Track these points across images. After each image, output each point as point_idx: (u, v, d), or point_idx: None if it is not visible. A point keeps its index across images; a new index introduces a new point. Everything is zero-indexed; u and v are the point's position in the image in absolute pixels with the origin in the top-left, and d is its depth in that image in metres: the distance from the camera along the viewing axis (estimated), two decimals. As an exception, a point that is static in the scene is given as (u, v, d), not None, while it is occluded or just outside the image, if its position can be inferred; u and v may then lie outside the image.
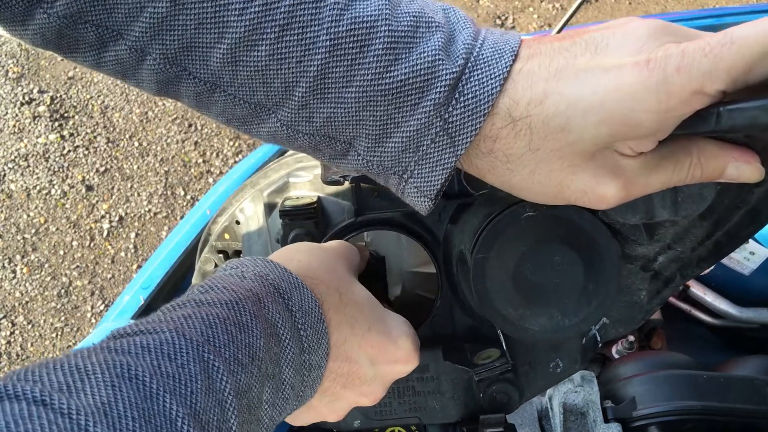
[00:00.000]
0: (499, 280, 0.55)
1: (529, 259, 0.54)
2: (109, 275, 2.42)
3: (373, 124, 0.43)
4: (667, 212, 0.47)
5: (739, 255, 1.18)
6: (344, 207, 0.64)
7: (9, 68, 2.88)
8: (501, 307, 0.55)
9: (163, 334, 0.37)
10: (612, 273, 0.55)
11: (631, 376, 0.90)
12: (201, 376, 0.36)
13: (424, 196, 0.45)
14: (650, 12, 3.23)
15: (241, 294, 0.42)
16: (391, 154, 0.44)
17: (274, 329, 0.43)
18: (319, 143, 0.45)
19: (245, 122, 0.46)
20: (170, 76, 0.43)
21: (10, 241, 2.47)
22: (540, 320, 0.56)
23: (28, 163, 2.64)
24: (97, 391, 0.31)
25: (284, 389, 0.43)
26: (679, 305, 1.22)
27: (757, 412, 0.81)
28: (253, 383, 0.39)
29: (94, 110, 2.80)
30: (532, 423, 0.89)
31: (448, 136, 0.42)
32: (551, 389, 0.89)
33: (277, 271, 0.46)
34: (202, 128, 2.77)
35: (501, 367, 0.60)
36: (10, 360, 2.25)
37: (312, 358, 0.45)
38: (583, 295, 0.55)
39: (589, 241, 0.54)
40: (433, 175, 0.43)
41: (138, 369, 0.34)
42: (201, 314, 0.39)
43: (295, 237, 0.63)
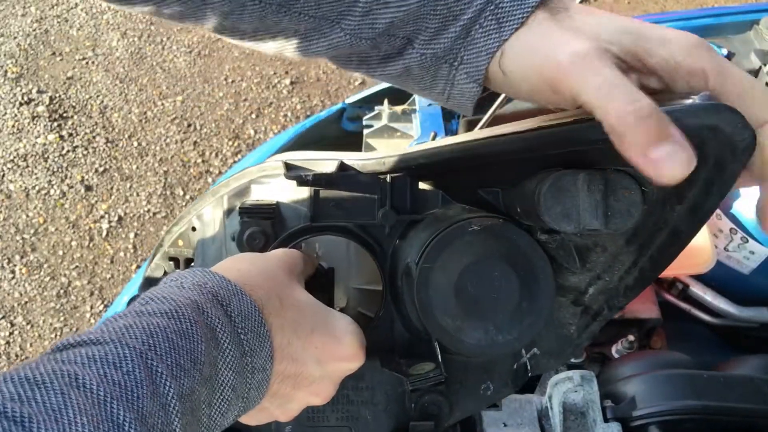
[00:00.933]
0: (442, 290, 0.57)
1: (471, 273, 0.57)
2: (108, 275, 2.42)
3: (434, 19, 0.48)
4: (598, 223, 0.50)
5: (739, 254, 1.18)
6: (301, 213, 0.66)
7: (8, 68, 2.87)
8: (441, 317, 0.58)
9: (107, 345, 0.38)
10: (545, 293, 0.58)
11: (631, 376, 0.90)
12: (146, 381, 0.37)
13: (473, 81, 0.50)
14: (649, 11, 3.23)
15: (180, 302, 0.44)
16: (445, 44, 0.49)
17: (213, 333, 0.44)
18: (379, 44, 0.51)
19: (306, 37, 0.51)
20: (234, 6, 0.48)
21: (9, 241, 2.46)
22: (476, 333, 0.58)
23: (27, 163, 2.63)
24: (47, 399, 0.33)
25: (223, 390, 0.44)
26: (679, 304, 1.22)
27: (757, 411, 0.81)
28: (196, 386, 0.41)
29: (93, 110, 2.79)
30: (531, 423, 0.89)
31: (496, 21, 0.47)
32: (551, 388, 0.89)
33: (215, 280, 0.48)
34: (201, 128, 2.77)
35: (434, 378, 0.61)
36: (9, 360, 2.24)
37: (255, 361, 0.46)
38: (518, 311, 0.58)
39: (526, 261, 0.58)
40: (479, 59, 0.49)
41: (85, 378, 0.35)
42: (142, 324, 0.41)
43: (250, 235, 0.64)
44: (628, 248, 0.60)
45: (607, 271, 0.62)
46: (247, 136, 2.75)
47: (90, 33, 3.04)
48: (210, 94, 2.87)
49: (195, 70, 2.94)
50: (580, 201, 0.50)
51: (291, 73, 2.94)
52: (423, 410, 0.65)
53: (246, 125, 2.77)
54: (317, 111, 2.77)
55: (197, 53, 2.99)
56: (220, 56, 2.99)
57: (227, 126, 2.77)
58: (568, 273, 0.62)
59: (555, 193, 0.51)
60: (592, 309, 0.64)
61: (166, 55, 2.98)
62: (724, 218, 1.17)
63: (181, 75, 2.92)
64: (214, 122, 2.78)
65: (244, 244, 0.65)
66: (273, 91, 2.88)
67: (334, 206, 0.65)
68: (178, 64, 2.95)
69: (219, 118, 2.79)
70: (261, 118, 2.80)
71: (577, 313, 0.65)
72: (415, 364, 0.64)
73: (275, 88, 2.89)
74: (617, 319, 1.11)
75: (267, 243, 0.65)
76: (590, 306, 0.64)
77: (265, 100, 2.85)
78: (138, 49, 2.99)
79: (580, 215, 0.51)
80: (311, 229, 0.66)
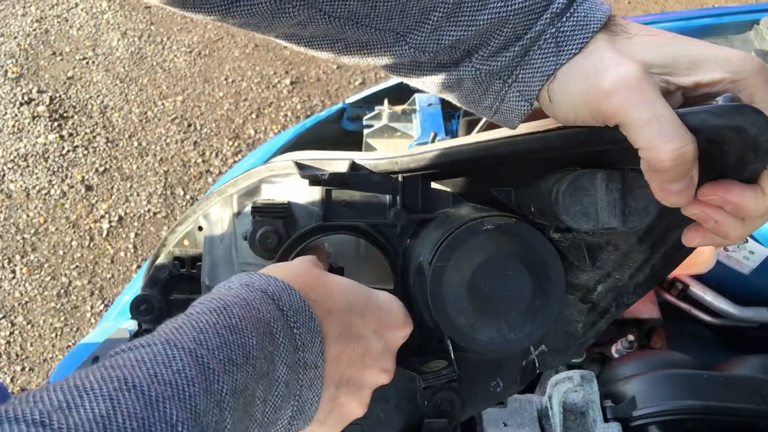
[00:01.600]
0: (455, 289, 0.58)
1: (483, 271, 0.58)
2: (108, 275, 2.42)
3: (497, 38, 0.49)
4: (616, 221, 0.51)
5: (739, 254, 1.18)
6: (312, 212, 0.66)
7: (8, 68, 2.87)
8: (454, 315, 0.58)
9: (156, 347, 0.37)
10: (557, 291, 0.59)
11: (631, 376, 0.90)
12: (198, 379, 0.36)
13: (525, 100, 0.50)
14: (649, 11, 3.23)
15: (229, 300, 0.44)
16: (503, 62, 0.49)
17: (267, 327, 0.43)
18: (438, 55, 0.51)
19: (367, 47, 0.52)
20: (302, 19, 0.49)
21: (9, 241, 2.46)
22: (489, 331, 0.59)
23: (28, 163, 2.63)
24: (96, 405, 0.32)
25: (278, 386, 0.43)
26: (679, 304, 1.22)
27: (756, 411, 0.81)
28: (249, 382, 0.40)
29: (94, 110, 2.79)
30: (531, 423, 0.89)
31: (555, 45, 0.47)
32: (551, 388, 0.89)
33: (263, 278, 0.48)
34: (202, 128, 2.77)
35: (447, 376, 0.62)
36: (9, 360, 2.25)
37: (307, 357, 0.46)
38: (530, 310, 0.59)
39: (538, 259, 0.59)
40: (534, 80, 0.49)
41: (135, 380, 0.34)
42: (191, 323, 0.40)
43: (263, 234, 0.65)
44: (640, 246, 0.60)
45: (617, 269, 0.62)
46: (247, 136, 2.75)
47: (90, 33, 3.04)
48: (210, 94, 2.87)
49: (195, 70, 2.94)
50: (598, 200, 0.51)
51: (291, 73, 2.94)
52: (436, 407, 0.65)
53: (246, 125, 2.78)
54: (317, 111, 2.78)
55: (197, 53, 3.00)
56: (220, 56, 2.99)
57: (227, 126, 2.77)
58: (578, 271, 0.63)
59: (573, 192, 0.51)
60: (600, 307, 0.65)
61: (167, 55, 2.98)
62: (724, 218, 1.17)
63: (181, 75, 2.92)
64: (214, 122, 2.79)
65: (256, 243, 0.65)
66: (273, 91, 2.88)
67: (345, 206, 0.66)
68: (179, 64, 2.95)
69: (219, 118, 2.80)
70: (261, 118, 2.80)
71: (584, 310, 0.65)
72: (427, 362, 0.64)
73: (275, 88, 2.89)
74: (617, 319, 1.11)
75: (279, 242, 0.65)
76: (598, 303, 0.65)
77: (265, 100, 2.85)
78: (138, 49, 2.99)
79: (599, 214, 0.51)
80: (323, 229, 0.66)
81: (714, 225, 0.48)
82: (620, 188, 0.51)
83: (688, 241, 0.51)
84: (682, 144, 0.42)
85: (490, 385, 0.67)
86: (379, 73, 2.93)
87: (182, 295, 0.74)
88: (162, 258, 0.74)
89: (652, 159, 0.43)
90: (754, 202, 0.45)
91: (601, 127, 0.47)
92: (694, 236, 0.51)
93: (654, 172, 0.44)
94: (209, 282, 0.70)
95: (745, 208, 0.46)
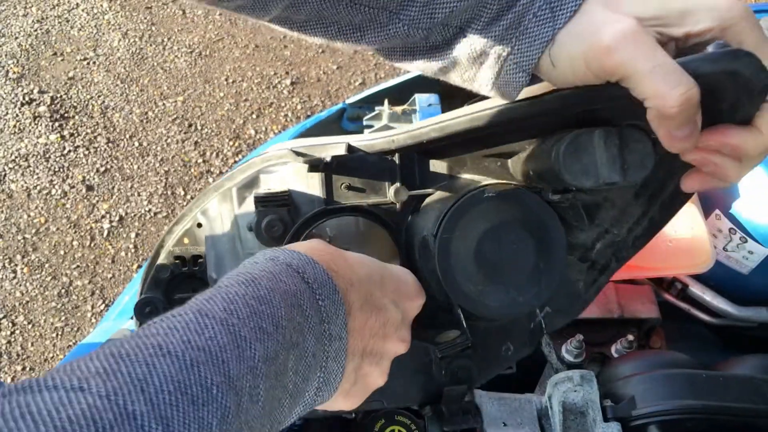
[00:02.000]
0: (462, 258, 0.60)
1: (488, 239, 0.60)
2: (109, 275, 2.42)
3: (490, 8, 0.48)
4: (617, 176, 0.53)
5: (738, 254, 1.18)
6: (313, 198, 0.68)
7: (9, 68, 2.88)
8: (463, 284, 0.60)
9: (188, 315, 0.38)
10: (559, 252, 0.61)
11: (631, 375, 0.91)
12: (230, 345, 0.37)
13: (522, 71, 0.50)
14: (650, 11, 3.23)
15: (256, 273, 0.44)
16: (497, 34, 0.49)
17: (295, 299, 0.44)
18: (431, 34, 0.51)
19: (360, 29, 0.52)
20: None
21: (10, 241, 2.47)
22: (498, 296, 0.61)
23: (29, 163, 2.64)
24: (132, 370, 0.33)
25: (307, 357, 0.44)
26: (678, 304, 1.23)
27: (756, 411, 0.82)
28: (280, 351, 0.41)
29: (95, 110, 2.80)
30: (531, 422, 0.89)
31: (549, 10, 0.47)
32: (551, 388, 0.89)
33: (287, 253, 0.48)
34: (202, 128, 2.77)
35: (461, 344, 0.63)
36: (10, 359, 2.25)
37: (332, 329, 0.47)
38: (535, 272, 0.61)
39: (539, 222, 0.61)
40: (532, 49, 0.49)
41: (170, 346, 0.35)
42: (220, 294, 0.41)
43: (268, 223, 0.66)
44: (637, 201, 0.62)
45: (615, 225, 0.64)
46: (247, 136, 2.75)
47: (91, 33, 3.04)
48: (211, 95, 2.87)
49: (196, 71, 2.94)
50: (597, 157, 0.52)
51: (291, 73, 2.94)
52: (454, 375, 0.67)
53: (247, 125, 2.78)
54: (317, 111, 2.78)
55: (198, 54, 3.00)
56: (220, 57, 2.99)
57: (228, 126, 2.78)
58: (577, 231, 0.65)
59: (573, 151, 0.53)
60: (599, 264, 0.67)
61: (167, 56, 2.98)
62: (723, 218, 1.17)
63: (182, 75, 2.93)
64: (214, 122, 2.79)
65: (263, 233, 0.66)
66: (273, 92, 2.88)
67: (346, 188, 0.67)
68: (179, 65, 2.95)
69: (220, 118, 2.80)
70: (262, 118, 2.80)
71: (583, 269, 0.67)
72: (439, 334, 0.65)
73: (276, 88, 2.89)
74: (617, 319, 1.11)
75: (285, 230, 0.66)
76: (597, 261, 0.67)
77: (265, 101, 2.85)
78: (139, 50, 3.00)
79: (599, 170, 0.53)
80: (327, 212, 0.67)
81: (712, 168, 0.49)
82: (618, 144, 0.52)
83: (688, 187, 0.53)
84: (687, 88, 0.43)
85: (501, 349, 0.69)
86: (379, 73, 2.93)
87: (185, 294, 0.74)
88: (162, 258, 0.74)
89: (661, 106, 0.44)
90: (752, 142, 0.47)
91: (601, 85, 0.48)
92: (693, 181, 0.52)
93: (662, 120, 0.44)
94: (216, 275, 0.70)
95: (743, 149, 0.47)
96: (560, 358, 1.08)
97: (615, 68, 0.45)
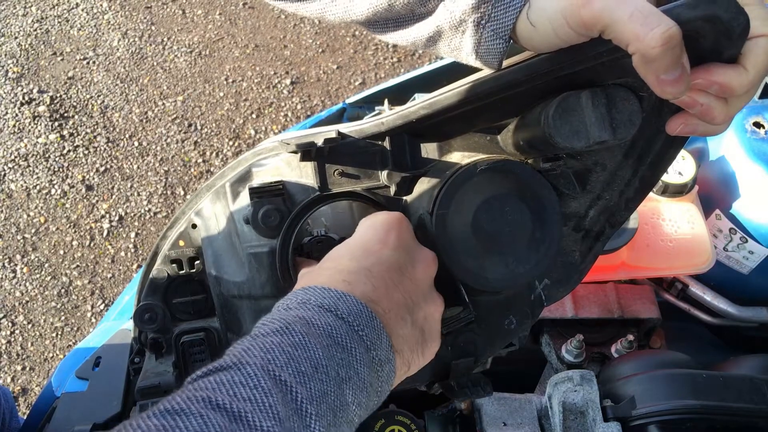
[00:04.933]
0: (460, 232, 0.61)
1: (483, 212, 0.61)
2: (109, 275, 2.42)
3: None
4: (607, 134, 0.54)
5: (739, 254, 1.18)
6: (307, 187, 0.68)
7: (9, 68, 2.88)
8: (463, 259, 0.61)
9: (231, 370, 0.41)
10: (554, 220, 0.63)
11: (631, 375, 0.91)
12: (274, 390, 0.40)
13: (499, 38, 0.51)
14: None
15: (289, 320, 0.47)
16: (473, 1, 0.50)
17: (331, 339, 0.46)
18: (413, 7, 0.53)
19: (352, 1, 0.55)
20: None
21: (10, 240, 2.47)
22: (498, 268, 0.62)
23: (28, 163, 2.64)
24: (188, 423, 0.35)
25: (365, 387, 0.46)
26: (678, 304, 1.23)
27: (756, 411, 0.82)
28: (328, 389, 0.43)
29: (94, 110, 2.80)
30: (531, 422, 0.89)
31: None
32: (551, 388, 0.89)
33: (317, 292, 0.50)
34: (202, 128, 2.77)
35: (465, 319, 0.64)
36: (10, 359, 2.25)
37: (380, 354, 0.48)
38: (533, 241, 0.62)
39: (532, 192, 0.62)
40: (507, 15, 0.50)
41: (218, 399, 0.38)
42: (257, 344, 0.44)
43: (265, 213, 0.66)
44: (626, 161, 0.63)
45: (606, 190, 0.65)
46: (247, 135, 2.75)
47: (91, 33, 3.04)
48: (211, 94, 2.87)
49: (196, 70, 2.94)
50: (586, 117, 0.54)
51: (291, 73, 2.94)
52: (460, 350, 0.67)
53: (246, 125, 2.78)
54: (317, 111, 2.78)
55: (198, 53, 3.00)
56: (220, 56, 2.99)
57: (228, 126, 2.78)
58: (570, 199, 0.66)
59: (562, 113, 0.54)
60: (594, 231, 0.68)
61: (167, 55, 2.98)
62: (723, 218, 1.17)
63: (181, 75, 2.92)
64: (214, 122, 2.79)
65: (260, 223, 0.66)
66: (273, 91, 2.88)
67: (339, 175, 0.68)
68: (179, 64, 2.95)
69: (220, 118, 2.80)
70: (261, 118, 2.80)
71: (578, 239, 0.68)
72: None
73: (276, 88, 2.89)
74: (617, 319, 1.11)
75: (282, 219, 0.66)
76: (591, 229, 0.68)
77: (265, 100, 2.85)
78: (139, 49, 2.99)
79: (589, 130, 0.54)
80: (322, 199, 0.67)
81: (699, 110, 0.50)
82: (605, 103, 0.54)
83: (672, 129, 0.53)
84: (667, 27, 0.43)
85: (504, 323, 0.70)
86: (379, 73, 2.93)
87: (184, 298, 0.74)
88: (158, 263, 0.74)
89: (643, 48, 0.44)
90: (737, 80, 0.47)
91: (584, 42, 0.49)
92: (677, 123, 0.53)
93: (648, 64, 0.45)
94: (216, 272, 0.71)
95: (729, 87, 0.48)
96: (560, 358, 1.08)
97: (594, 19, 0.45)
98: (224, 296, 0.71)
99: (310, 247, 0.68)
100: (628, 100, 0.54)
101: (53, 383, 1.03)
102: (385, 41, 0.62)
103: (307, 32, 3.07)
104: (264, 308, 0.67)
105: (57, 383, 1.02)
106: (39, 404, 0.99)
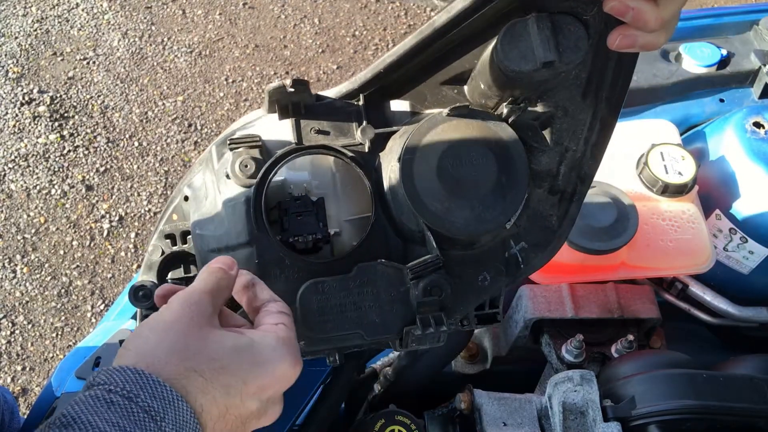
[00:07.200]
0: (426, 176, 0.63)
1: (449, 156, 0.64)
2: (109, 275, 2.42)
3: None
4: (552, 54, 0.58)
5: (739, 254, 1.18)
6: (284, 142, 0.71)
7: (9, 68, 2.88)
8: (429, 202, 0.63)
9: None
10: (519, 166, 0.65)
11: (631, 375, 0.91)
12: None
13: None
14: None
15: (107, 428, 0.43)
16: None
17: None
18: None
19: None
20: None
21: (10, 240, 2.47)
22: (464, 213, 0.64)
23: (28, 163, 2.64)
24: None
25: None
26: (679, 304, 1.23)
27: (756, 411, 0.82)
28: None
29: (94, 110, 2.80)
30: (531, 422, 0.89)
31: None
32: (551, 388, 0.89)
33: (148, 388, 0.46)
34: (202, 128, 2.77)
35: (433, 263, 0.65)
36: (10, 359, 2.25)
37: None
38: (498, 186, 0.64)
39: (497, 137, 0.65)
40: None
41: None
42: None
43: (242, 162, 0.69)
44: (585, 101, 0.66)
45: (572, 139, 0.68)
46: None
47: (91, 33, 3.04)
48: (211, 94, 2.87)
49: (196, 70, 2.94)
50: (533, 40, 0.59)
51: (291, 73, 2.94)
52: (426, 291, 0.67)
53: (247, 125, 2.78)
54: (318, 111, 2.78)
55: (198, 53, 3.00)
56: (220, 56, 2.99)
57: (228, 126, 2.78)
58: (539, 153, 0.68)
59: (510, 39, 0.59)
60: (568, 192, 0.70)
61: (167, 56, 2.98)
62: (723, 218, 1.17)
63: (181, 75, 2.93)
64: (214, 122, 2.79)
65: (236, 173, 0.68)
66: (273, 91, 2.89)
67: (315, 132, 0.71)
68: (179, 65, 2.95)
69: (220, 118, 2.80)
70: (261, 118, 2.80)
71: (555, 203, 0.70)
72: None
73: (276, 88, 2.89)
74: (617, 319, 1.11)
75: (257, 168, 0.68)
76: (565, 189, 0.70)
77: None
78: (139, 50, 3.00)
79: (535, 52, 0.59)
80: (295, 150, 0.69)
81: (632, 15, 0.53)
82: (550, 26, 0.59)
83: (611, 42, 0.58)
84: None
85: (477, 279, 0.70)
86: (380, 73, 2.93)
87: (178, 276, 0.75)
88: (155, 239, 0.75)
89: None
90: None
91: None
92: (615, 35, 0.57)
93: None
94: (200, 230, 0.72)
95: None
96: (560, 358, 1.08)
97: None
98: (204, 252, 0.72)
99: (288, 204, 0.69)
100: (573, 26, 0.59)
101: (53, 383, 1.03)
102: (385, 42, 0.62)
103: (307, 32, 3.07)
104: (240, 258, 0.67)
105: (57, 383, 1.02)
106: (39, 404, 0.99)
